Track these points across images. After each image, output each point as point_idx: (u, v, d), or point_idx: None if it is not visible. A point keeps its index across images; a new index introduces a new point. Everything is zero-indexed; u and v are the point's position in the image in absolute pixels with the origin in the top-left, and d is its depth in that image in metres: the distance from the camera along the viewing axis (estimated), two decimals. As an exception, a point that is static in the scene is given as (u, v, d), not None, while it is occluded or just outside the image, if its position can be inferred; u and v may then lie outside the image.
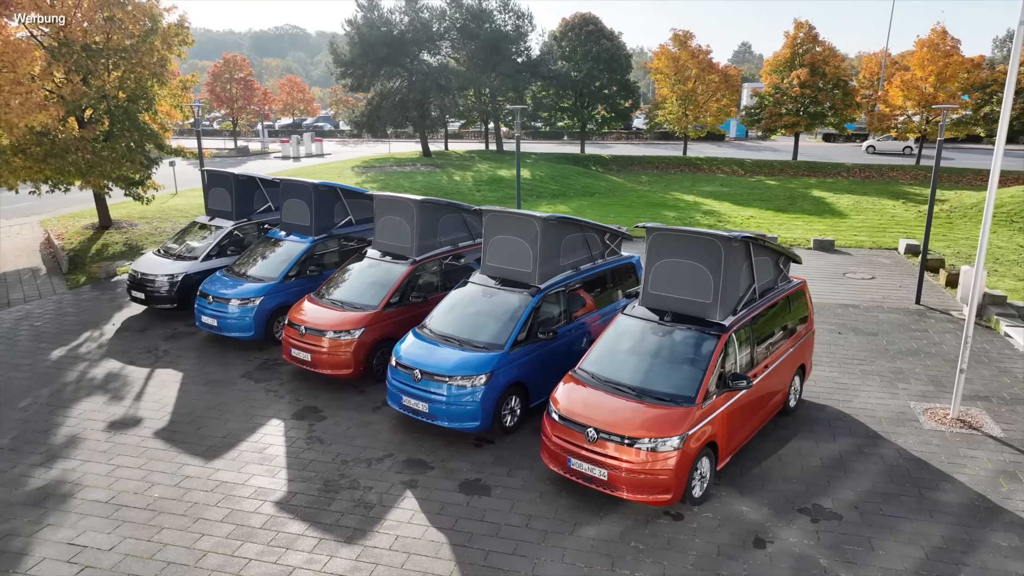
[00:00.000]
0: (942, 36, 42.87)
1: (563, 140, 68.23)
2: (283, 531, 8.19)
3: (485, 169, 39.51)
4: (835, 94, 45.69)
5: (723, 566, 7.57)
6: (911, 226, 27.09)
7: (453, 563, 7.63)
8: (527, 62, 47.48)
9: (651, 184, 39.77)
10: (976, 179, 38.84)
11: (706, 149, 56.18)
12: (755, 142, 67.06)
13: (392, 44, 42.14)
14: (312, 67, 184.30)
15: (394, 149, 53.98)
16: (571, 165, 44.05)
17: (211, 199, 17.30)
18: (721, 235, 9.19)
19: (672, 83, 49.44)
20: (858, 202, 32.35)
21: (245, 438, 10.43)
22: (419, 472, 9.48)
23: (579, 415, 8.64)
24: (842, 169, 43.15)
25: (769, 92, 47.46)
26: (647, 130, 68.28)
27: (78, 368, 13.06)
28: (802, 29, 46.96)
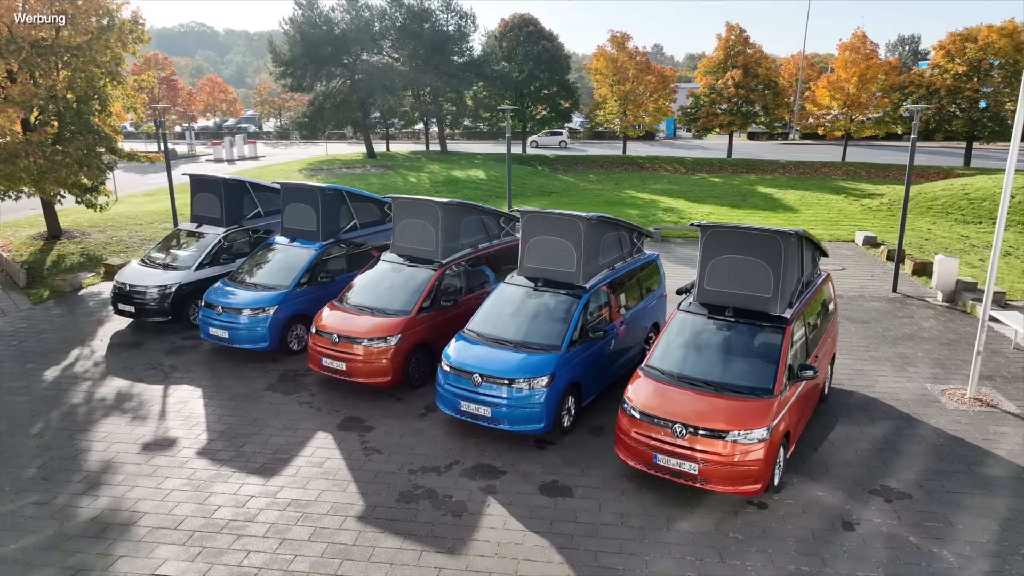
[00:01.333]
0: (862, 40, 45.60)
1: (499, 140, 68.44)
2: (379, 546, 7.93)
3: (438, 170, 39.20)
4: (766, 94, 47.78)
5: (823, 550, 7.85)
6: (859, 219, 28.67)
7: (566, 565, 7.60)
8: (470, 62, 47.39)
9: (602, 183, 40.46)
10: (901, 174, 41.31)
11: (641, 148, 57.59)
12: (685, 141, 69.28)
13: (335, 43, 41.18)
14: (223, 66, 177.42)
15: (331, 151, 52.72)
16: (519, 165, 44.23)
17: (197, 205, 16.46)
18: (781, 231, 9.51)
19: (611, 83, 50.49)
20: (803, 197, 33.97)
21: (297, 453, 10.02)
22: (493, 477, 9.36)
23: (662, 411, 8.75)
24: (777, 166, 45.18)
25: (705, 92, 49.15)
26: (580, 130, 69.63)
27: (82, 388, 12.20)
28: (733, 32, 48.89)
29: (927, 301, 17.34)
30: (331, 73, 42.71)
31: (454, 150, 51.40)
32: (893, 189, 34.04)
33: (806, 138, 66.48)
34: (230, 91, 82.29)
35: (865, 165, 43.92)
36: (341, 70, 42.86)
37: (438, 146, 52.68)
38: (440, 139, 51.16)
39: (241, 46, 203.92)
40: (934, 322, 15.74)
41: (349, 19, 43.06)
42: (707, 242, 9.94)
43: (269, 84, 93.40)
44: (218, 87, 79.54)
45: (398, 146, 56.12)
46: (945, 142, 50.22)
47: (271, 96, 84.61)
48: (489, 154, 49.75)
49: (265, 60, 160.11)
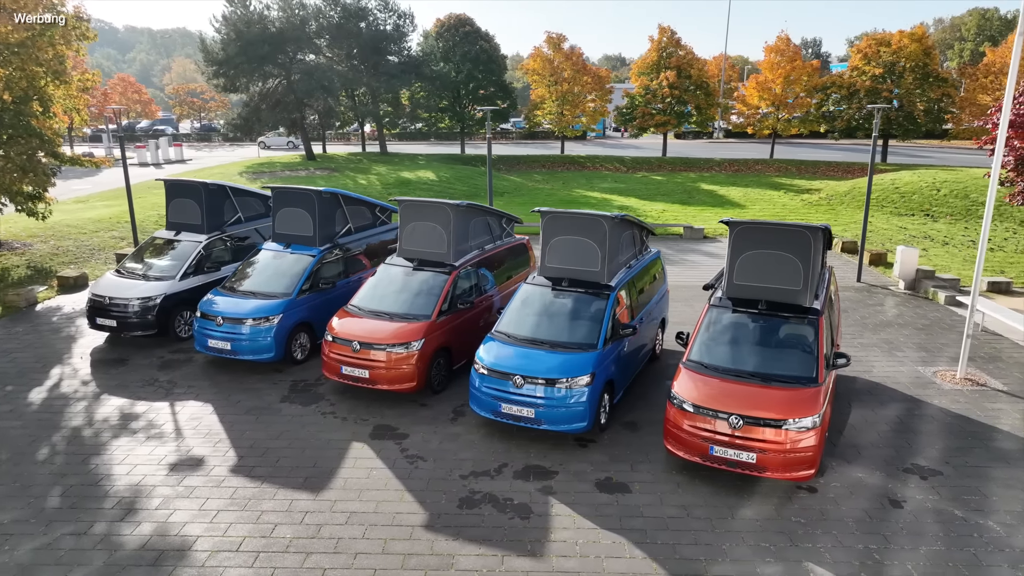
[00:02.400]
0: (787, 43, 47.85)
1: (431, 141, 68.03)
2: (458, 554, 7.82)
3: (385, 172, 38.61)
4: (698, 95, 49.43)
5: (882, 528, 8.27)
6: (802, 213, 30.09)
7: (649, 559, 7.71)
8: (409, 62, 46.84)
9: (548, 182, 40.84)
10: (829, 170, 43.69)
11: (576, 148, 58.39)
12: (615, 140, 70.75)
13: (272, 42, 39.89)
14: (125, 65, 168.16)
15: (263, 152, 51.05)
16: (461, 166, 44.11)
17: (173, 212, 15.66)
18: (810, 226, 9.93)
19: (548, 84, 51.04)
20: (746, 193, 35.36)
21: (338, 464, 9.73)
22: (546, 478, 9.38)
23: (716, 404, 8.99)
24: (713, 164, 46.81)
25: (640, 93, 50.38)
26: (513, 130, 70.06)
27: (77, 409, 11.42)
28: (665, 34, 50.32)
29: (891, 289, 18.43)
30: (268, 73, 41.34)
31: (394, 151, 50.69)
32: (827, 184, 35.91)
33: (729, 136, 69.18)
34: (143, 91, 78.18)
35: (795, 162, 46.10)
36: (278, 70, 41.55)
37: (375, 147, 51.89)
38: (379, 140, 50.36)
39: (144, 44, 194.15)
40: (903, 309, 16.76)
41: (284, 17, 41.77)
42: (736, 238, 10.27)
43: (186, 84, 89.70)
44: (131, 87, 75.41)
45: (333, 147, 54.83)
46: (866, 140, 53.15)
47: (189, 96, 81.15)
48: (431, 155, 49.39)
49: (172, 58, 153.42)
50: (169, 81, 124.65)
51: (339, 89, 43.40)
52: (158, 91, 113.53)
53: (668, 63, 49.04)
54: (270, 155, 48.78)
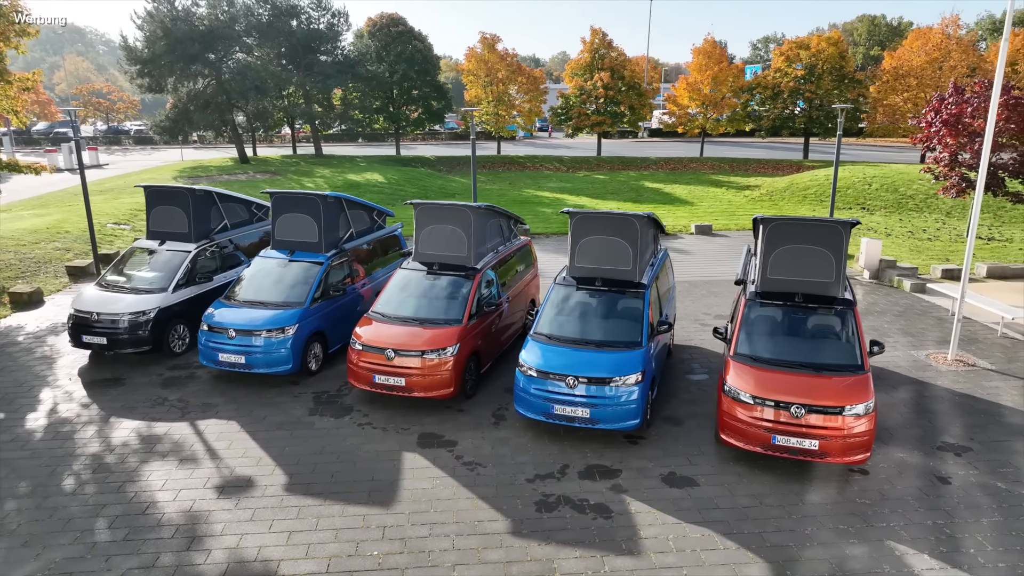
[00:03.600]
0: (713, 45, 49.68)
1: (359, 143, 66.75)
2: (556, 557, 7.78)
3: (329, 174, 37.60)
4: (631, 95, 50.64)
5: (941, 503, 8.79)
6: (750, 208, 31.37)
7: (743, 549, 7.91)
8: (344, 62, 45.74)
9: (495, 182, 40.86)
10: (759, 167, 45.67)
11: (510, 148, 58.52)
12: (543, 140, 71.38)
13: (202, 40, 38.09)
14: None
15: (188, 156, 48.64)
16: (401, 167, 43.49)
17: (156, 220, 14.75)
18: (842, 221, 10.43)
19: (483, 84, 51.05)
20: (691, 191, 36.53)
21: (397, 476, 9.47)
22: (611, 476, 9.45)
23: (775, 395, 9.30)
24: (649, 162, 48.07)
25: (575, 94, 51.13)
26: (442, 131, 69.63)
27: (87, 435, 10.61)
28: (597, 35, 51.27)
29: (857, 279, 19.51)
30: (198, 72, 39.45)
31: (329, 153, 49.39)
32: (765, 181, 37.57)
33: (653, 136, 71.11)
34: (42, 91, 72.82)
35: (727, 160, 47.95)
36: (208, 69, 39.72)
37: (306, 149, 50.38)
38: (314, 142, 48.91)
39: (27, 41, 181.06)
40: (876, 297, 17.79)
41: (212, 15, 39.95)
42: (769, 234, 10.65)
43: (89, 84, 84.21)
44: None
45: (264, 150, 52.87)
46: (790, 138, 55.87)
47: (93, 97, 76.34)
48: (369, 156, 48.45)
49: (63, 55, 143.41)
50: (59, 80, 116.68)
51: (273, 89, 41.92)
52: (47, 91, 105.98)
53: (602, 64, 50.01)
54: (199, 158, 46.52)
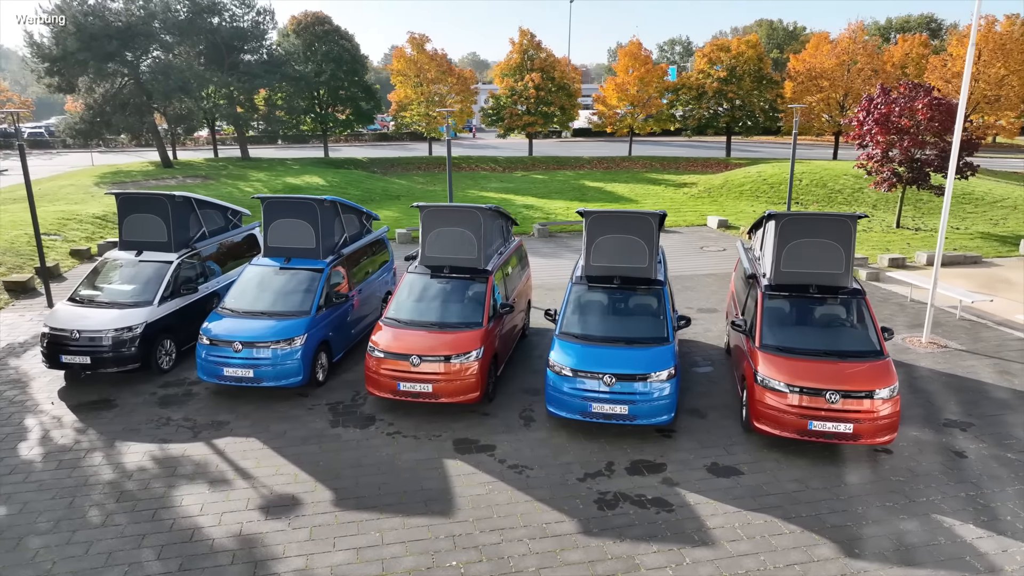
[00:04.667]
0: (638, 47, 51.06)
1: (279, 145, 64.71)
2: (636, 553, 7.86)
3: (265, 178, 36.25)
4: (561, 96, 51.33)
5: (966, 476, 9.42)
6: (692, 205, 32.45)
7: (808, 531, 8.23)
8: (271, 61, 44.16)
9: (435, 183, 40.49)
10: (688, 165, 47.26)
11: (435, 149, 57.95)
12: (467, 140, 71.26)
13: (119, 37, 35.88)
14: None
15: (99, 160, 45.68)
16: (335, 170, 42.45)
17: (129, 229, 13.85)
18: (850, 215, 11.01)
19: (413, 84, 50.51)
20: (632, 189, 37.41)
21: (448, 484, 9.30)
22: (658, 471, 9.61)
23: (811, 382, 9.72)
24: (583, 161, 48.87)
25: (506, 94, 51.34)
26: (366, 132, 68.39)
27: (95, 462, 9.87)
28: (525, 36, 51.69)
29: (814, 270, 20.54)
30: (115, 72, 37.12)
31: (255, 156, 47.59)
32: (700, 178, 38.95)
33: (577, 135, 72.34)
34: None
35: (657, 158, 49.35)
36: (126, 68, 37.45)
37: (229, 152, 48.34)
38: (240, 145, 46.95)
39: None
40: (837, 287, 18.79)
41: (128, 10, 37.68)
42: (782, 229, 11.12)
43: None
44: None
45: (183, 153, 50.33)
46: (715, 136, 57.96)
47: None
48: (299, 159, 47.01)
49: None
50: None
51: (196, 90, 40.01)
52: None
53: (531, 65, 50.45)
54: (113, 162, 43.77)
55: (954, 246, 23.79)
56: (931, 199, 30.12)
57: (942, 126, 24.74)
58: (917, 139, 24.82)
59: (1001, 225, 27.57)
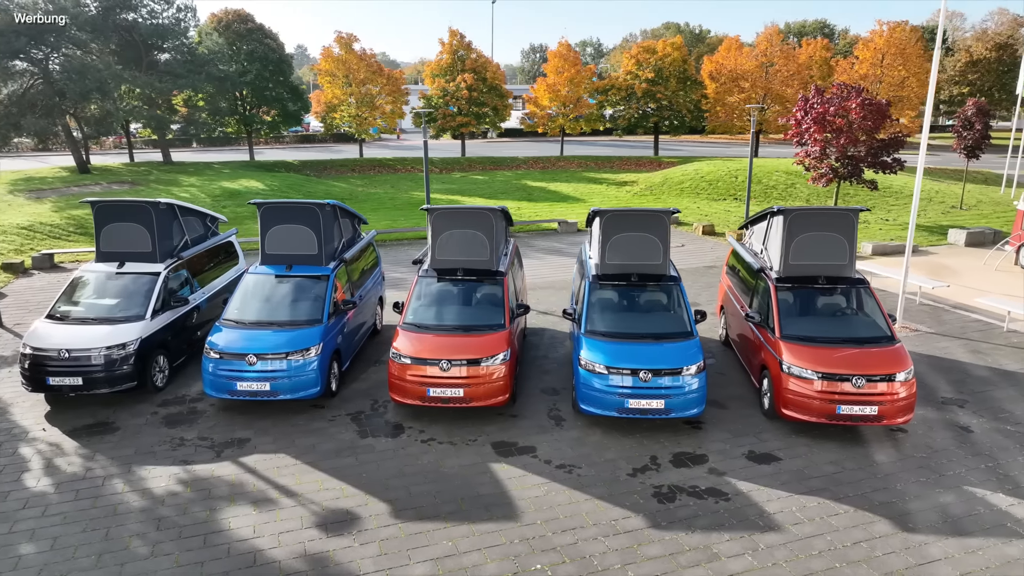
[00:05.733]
0: (568, 48, 51.88)
1: (195, 148, 61.94)
2: (711, 543, 8.04)
3: (201, 183, 34.57)
4: (493, 96, 51.47)
5: (980, 449, 10.14)
6: (636, 202, 33.26)
7: (861, 510, 8.64)
8: (194, 60, 42.09)
9: (375, 186, 39.77)
10: (622, 164, 48.32)
11: (365, 151, 57.00)
12: (389, 141, 70.27)
13: (28, 33, 33.32)
14: None
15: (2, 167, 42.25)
16: (266, 172, 40.99)
17: (107, 240, 12.97)
18: (853, 209, 11.63)
19: (342, 85, 49.43)
20: (576, 188, 37.95)
21: (501, 488, 9.22)
22: (702, 461, 9.86)
23: (839, 369, 10.21)
24: (518, 161, 49.16)
25: (438, 95, 50.99)
26: (286, 134, 66.38)
27: (116, 489, 9.21)
28: (455, 37, 51.54)
29: (773, 263, 21.52)
30: (24, 71, 34.46)
31: (178, 160, 45.31)
32: (639, 176, 39.96)
33: (502, 136, 72.66)
34: None
35: (590, 158, 50.24)
36: (35, 67, 34.83)
37: (145, 156, 45.77)
38: (162, 148, 44.57)
39: None
40: (800, 278, 19.76)
41: (35, 4, 35.06)
42: (791, 223, 11.63)
43: None
44: None
45: (96, 158, 47.23)
46: (644, 136, 59.31)
47: None
48: (225, 162, 45.09)
49: None
50: None
51: (115, 90, 37.72)
52: None
53: (463, 66, 50.33)
54: (20, 168, 40.56)
55: (890, 236, 25.43)
56: (857, 192, 32.05)
57: (873, 124, 26.40)
58: (851, 137, 26.37)
59: (923, 216, 29.67)
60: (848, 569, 7.59)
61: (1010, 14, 78.14)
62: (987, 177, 39.28)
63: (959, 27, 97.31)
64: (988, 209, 30.90)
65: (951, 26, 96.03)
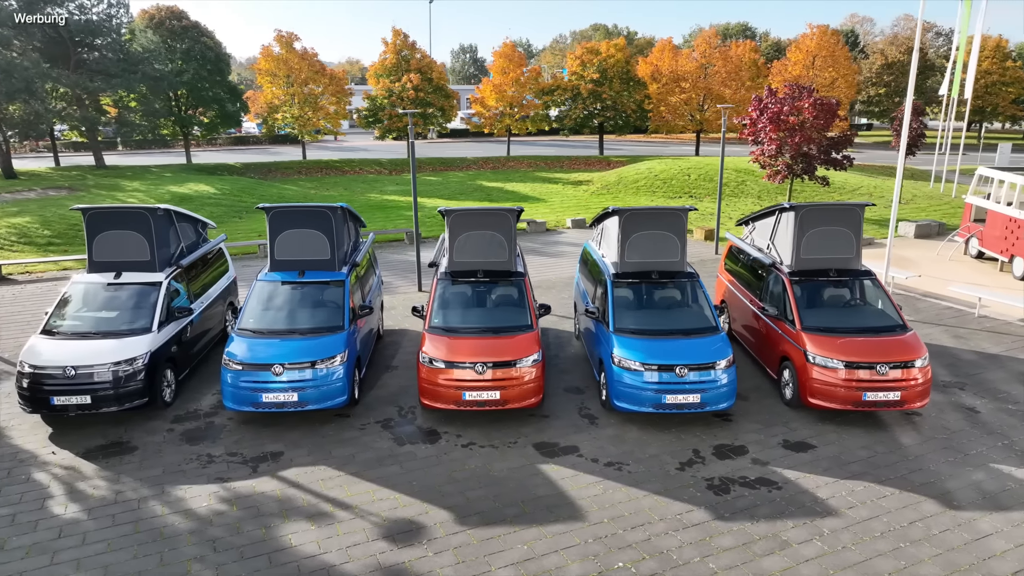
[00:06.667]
0: (512, 49, 52.05)
1: (120, 151, 59.02)
2: (777, 531, 8.26)
3: (145, 188, 32.93)
4: (439, 96, 51.10)
5: (991, 427, 10.78)
6: (596, 201, 33.68)
7: (906, 491, 9.06)
8: (128, 59, 40.00)
9: (328, 188, 38.84)
10: (571, 163, 48.77)
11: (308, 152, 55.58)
12: (333, 143, 68.85)
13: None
14: None
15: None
16: (221, 177, 39.47)
17: (103, 249, 12.23)
18: (857, 204, 12.17)
19: (283, 85, 48.11)
20: (533, 188, 38.10)
21: (558, 488, 9.21)
22: (742, 452, 10.12)
23: (864, 357, 10.66)
24: (468, 162, 48.97)
25: (383, 95, 50.24)
26: (220, 136, 64.06)
27: (155, 512, 8.72)
28: (399, 36, 50.92)
29: (745, 258, 22.23)
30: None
31: (111, 164, 43.03)
32: (593, 176, 40.46)
33: (442, 137, 72.22)
34: None
35: (539, 157, 50.48)
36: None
37: (72, 160, 43.21)
38: (95, 152, 42.16)
39: None
40: (775, 271, 20.49)
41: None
42: (803, 219, 12.07)
43: None
44: None
45: (18, 163, 44.28)
46: (591, 136, 59.85)
47: None
48: (166, 166, 43.16)
49: None
50: None
51: (42, 91, 35.52)
52: None
53: (408, 66, 49.78)
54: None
55: (845, 230, 26.61)
56: (803, 188, 33.43)
57: (825, 123, 27.64)
58: (806, 135, 27.51)
59: (868, 211, 31.20)
60: (912, 548, 7.95)
61: (914, 20, 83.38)
62: (914, 173, 41.62)
63: (869, 31, 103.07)
64: (924, 203, 32.78)
65: (863, 30, 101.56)
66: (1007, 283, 18.86)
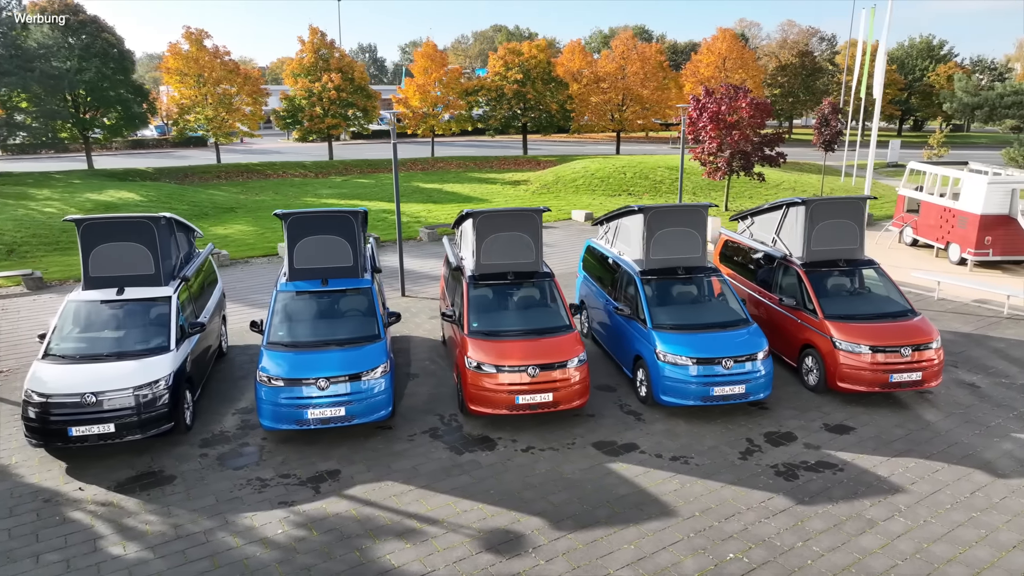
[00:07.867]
0: (434, 48, 51.58)
1: (9, 155, 54.18)
2: (857, 512, 8.64)
3: (60, 196, 30.28)
4: (361, 97, 49.88)
5: (997, 400, 11.70)
6: (543, 201, 33.92)
7: (955, 465, 9.69)
8: (21, 55, 36.63)
9: (258, 193, 37.09)
10: (500, 164, 48.81)
11: (197, 155, 52.65)
12: (242, 146, 65.86)
13: None
14: None
15: None
16: (140, 184, 36.86)
17: (100, 263, 11.19)
18: (861, 197, 12.92)
19: (195, 84, 45.59)
20: (473, 189, 37.85)
21: (637, 487, 9.24)
22: (792, 439, 10.50)
23: (888, 342, 11.30)
24: (386, 164, 47.98)
25: (303, 95, 48.50)
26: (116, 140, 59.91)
27: (227, 544, 8.09)
28: (316, 35, 49.33)
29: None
30: None
31: (8, 170, 39.29)
32: (530, 175, 40.68)
33: (356, 138, 70.62)
34: None
35: (467, 158, 50.20)
36: None
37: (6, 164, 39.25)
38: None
39: None
40: (740, 264, 21.37)
41: None
42: (812, 212, 12.68)
43: None
44: None
45: None
46: (515, 136, 59.93)
47: None
48: (68, 172, 39.86)
49: None
50: None
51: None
52: None
53: (327, 65, 48.31)
54: None
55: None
56: (735, 184, 35.00)
57: (760, 122, 29.06)
58: (744, 133, 28.82)
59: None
60: (984, 516, 8.53)
61: (797, 25, 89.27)
62: (822, 168, 44.49)
63: (756, 35, 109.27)
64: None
65: (751, 34, 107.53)
66: (947, 268, 20.49)
